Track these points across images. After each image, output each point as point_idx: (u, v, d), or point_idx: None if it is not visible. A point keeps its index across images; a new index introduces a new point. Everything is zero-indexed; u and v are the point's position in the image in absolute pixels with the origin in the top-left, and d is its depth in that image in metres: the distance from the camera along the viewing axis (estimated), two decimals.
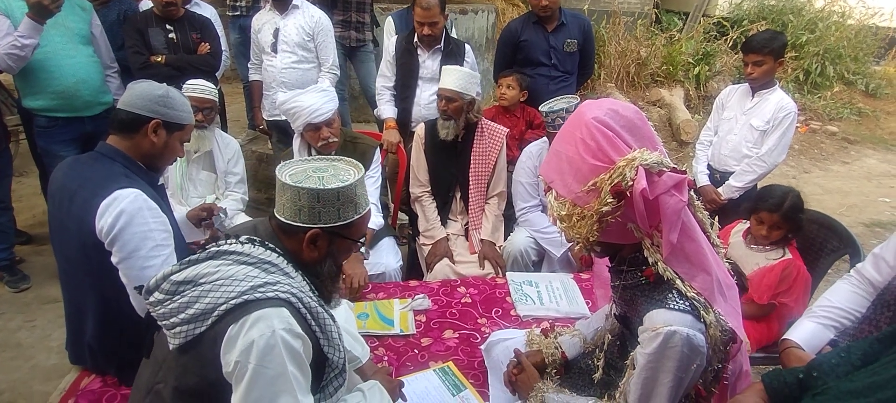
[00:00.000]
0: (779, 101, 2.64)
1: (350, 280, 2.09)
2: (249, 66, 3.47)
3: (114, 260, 1.46)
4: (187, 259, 1.14)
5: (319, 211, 1.16)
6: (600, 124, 1.08)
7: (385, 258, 2.47)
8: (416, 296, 2.07)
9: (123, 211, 1.42)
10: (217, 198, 2.69)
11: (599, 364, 1.36)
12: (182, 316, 1.08)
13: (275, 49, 3.19)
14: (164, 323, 1.11)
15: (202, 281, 1.08)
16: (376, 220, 2.43)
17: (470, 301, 2.11)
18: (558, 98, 2.45)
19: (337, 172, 1.22)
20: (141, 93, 1.57)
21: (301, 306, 1.13)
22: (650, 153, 1.08)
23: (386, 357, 1.76)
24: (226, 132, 3.60)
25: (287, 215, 1.17)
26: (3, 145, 2.97)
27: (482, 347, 1.76)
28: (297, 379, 1.09)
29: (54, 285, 1.72)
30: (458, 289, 2.19)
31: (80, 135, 2.87)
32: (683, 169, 1.15)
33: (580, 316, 1.98)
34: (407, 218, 3.04)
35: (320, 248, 1.20)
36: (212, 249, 1.14)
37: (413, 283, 2.28)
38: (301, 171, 1.21)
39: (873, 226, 4.52)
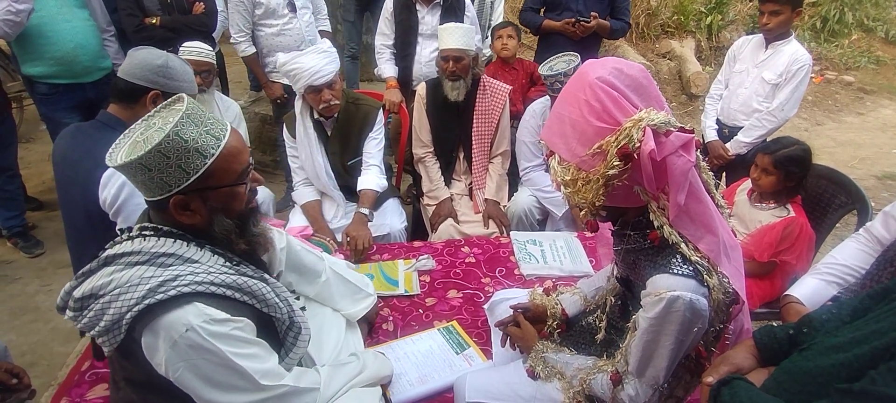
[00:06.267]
0: (793, 53, 2.54)
1: (354, 242, 2.11)
2: (235, 37, 3.09)
3: (119, 230, 1.47)
4: (82, 271, 1.07)
5: (160, 178, 1.02)
6: (605, 84, 1.05)
7: (389, 219, 2.48)
8: (421, 257, 2.09)
9: (126, 183, 1.43)
10: None
11: (601, 325, 1.37)
12: (97, 329, 1.03)
13: (293, 8, 3.11)
14: (88, 334, 1.06)
15: (100, 293, 1.02)
16: (380, 182, 2.42)
17: (474, 260, 2.13)
18: (559, 57, 2.38)
19: (164, 121, 1.05)
20: (140, 62, 1.53)
21: (215, 289, 1.06)
22: (657, 112, 1.05)
23: (391, 318, 1.80)
24: (227, 94, 3.58)
25: (143, 193, 1.07)
26: (5, 113, 2.96)
27: (485, 306, 1.78)
28: (241, 354, 1.05)
29: (68, 250, 1.74)
30: (462, 249, 2.20)
31: (81, 101, 2.86)
32: (690, 126, 1.12)
33: (583, 275, 2.00)
34: (411, 178, 3.03)
35: (197, 211, 1.08)
36: (104, 255, 1.07)
37: (417, 244, 2.30)
38: (132, 142, 1.06)
39: (885, 179, 4.45)
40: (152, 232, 1.08)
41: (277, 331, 1.21)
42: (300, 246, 1.55)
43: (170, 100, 1.11)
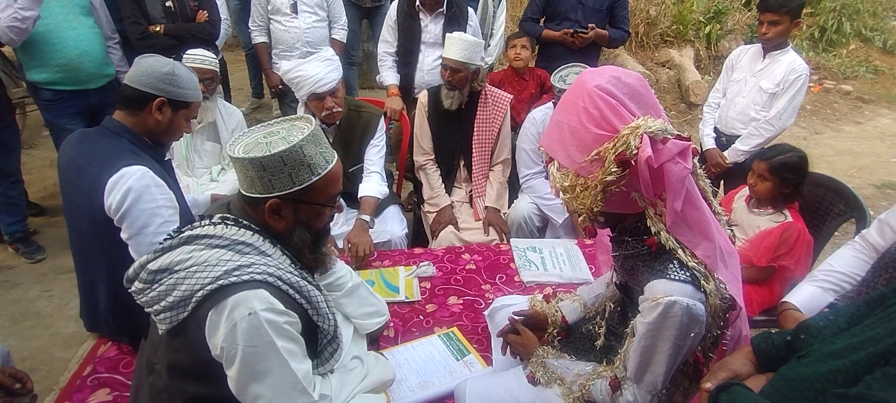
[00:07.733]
0: (790, 63, 2.57)
1: (355, 248, 2.12)
2: (251, 27, 3.43)
3: (123, 236, 1.49)
4: (161, 245, 1.13)
5: (270, 179, 1.12)
6: (603, 92, 1.07)
7: (390, 226, 2.49)
8: (421, 263, 2.10)
9: (131, 189, 1.44)
10: (223, 169, 2.71)
11: (601, 331, 1.38)
12: (163, 303, 1.08)
13: (295, 10, 3.24)
14: (149, 310, 1.12)
15: (177, 268, 1.08)
16: (381, 189, 2.43)
17: (474, 267, 2.14)
18: (571, 69, 2.40)
19: (288, 133, 1.16)
20: (146, 70, 1.55)
21: (281, 283, 1.12)
22: (654, 120, 1.07)
23: (391, 324, 1.80)
24: (230, 101, 3.60)
25: (244, 187, 1.15)
26: (9, 118, 2.98)
27: (485, 312, 1.79)
28: (289, 350, 1.10)
29: (69, 255, 1.75)
30: (463, 256, 2.21)
31: (85, 107, 2.88)
32: (687, 135, 1.14)
33: (583, 282, 2.01)
34: (412, 185, 3.05)
35: (285, 217, 1.17)
36: (185, 234, 1.13)
37: (418, 251, 2.30)
38: (253, 141, 1.16)
39: (884, 188, 4.47)
40: (233, 223, 1.15)
41: (317, 342, 1.25)
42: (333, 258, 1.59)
43: (293, 117, 1.21)
